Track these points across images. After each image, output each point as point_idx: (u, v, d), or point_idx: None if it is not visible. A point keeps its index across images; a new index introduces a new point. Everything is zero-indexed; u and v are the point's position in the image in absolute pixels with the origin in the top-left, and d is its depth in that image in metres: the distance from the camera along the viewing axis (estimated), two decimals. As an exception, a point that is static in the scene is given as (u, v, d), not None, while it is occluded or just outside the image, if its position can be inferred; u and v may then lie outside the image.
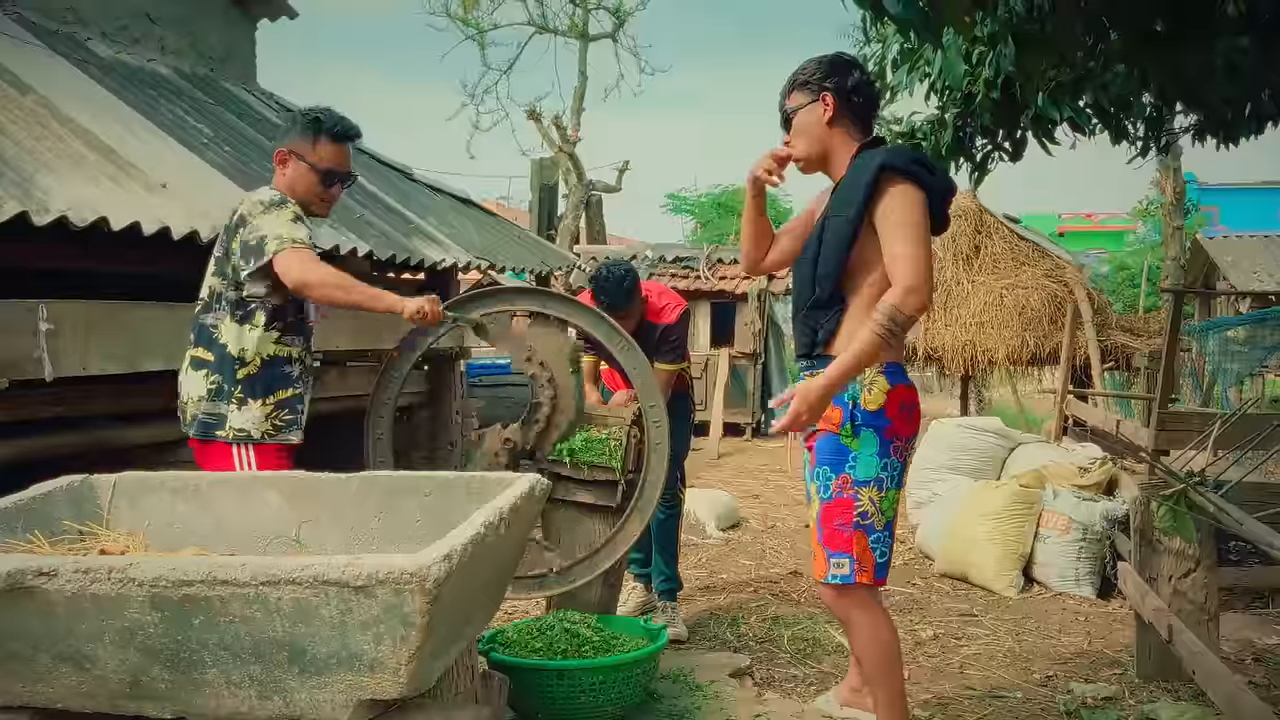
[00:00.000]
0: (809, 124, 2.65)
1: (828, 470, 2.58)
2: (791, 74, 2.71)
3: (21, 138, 3.76)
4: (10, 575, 1.84)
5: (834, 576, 2.59)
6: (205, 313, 2.88)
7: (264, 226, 2.76)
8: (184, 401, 2.92)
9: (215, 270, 2.88)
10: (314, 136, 2.89)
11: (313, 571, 1.78)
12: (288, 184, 2.90)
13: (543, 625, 3.16)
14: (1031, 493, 4.88)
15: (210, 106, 5.86)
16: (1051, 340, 7.89)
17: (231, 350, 2.84)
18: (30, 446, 3.66)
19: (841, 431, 2.56)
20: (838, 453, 2.57)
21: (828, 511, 2.59)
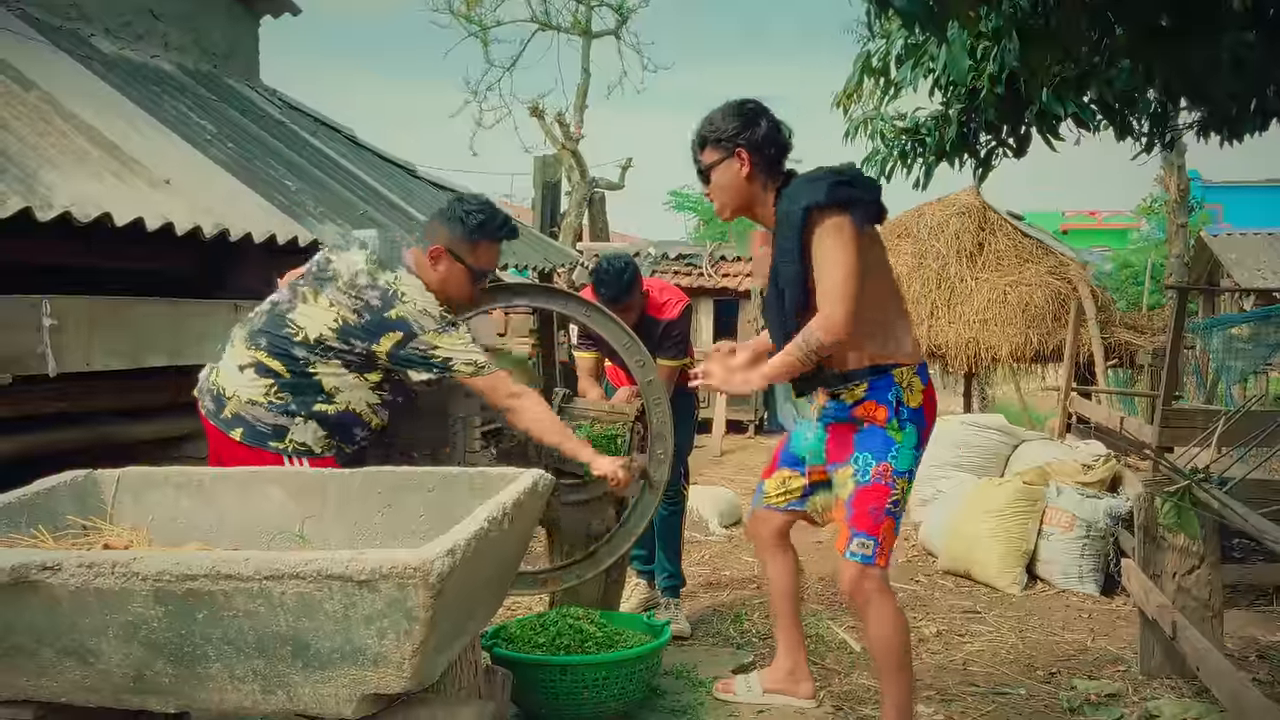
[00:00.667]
0: (728, 180, 2.74)
1: (869, 457, 2.69)
2: (700, 129, 2.77)
3: (25, 134, 3.76)
4: (15, 569, 1.85)
5: (855, 554, 2.70)
6: (298, 343, 2.75)
7: (444, 349, 2.72)
8: (223, 393, 2.80)
9: (338, 329, 2.73)
10: (476, 240, 2.81)
11: (316, 566, 1.78)
12: (440, 282, 2.80)
13: (546, 621, 3.14)
14: (1035, 490, 4.88)
15: (213, 103, 5.86)
16: (1055, 337, 7.88)
17: (322, 382, 2.76)
18: (34, 442, 3.66)
19: (889, 425, 2.69)
20: (883, 443, 2.69)
21: (863, 495, 2.70)
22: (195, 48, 6.43)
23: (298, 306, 2.77)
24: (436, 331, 2.72)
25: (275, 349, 2.75)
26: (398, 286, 2.73)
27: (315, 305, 2.75)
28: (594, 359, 4.09)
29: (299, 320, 2.75)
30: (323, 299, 2.75)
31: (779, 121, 2.77)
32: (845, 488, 2.75)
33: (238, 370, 2.79)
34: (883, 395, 2.70)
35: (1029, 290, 8.16)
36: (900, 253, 8.85)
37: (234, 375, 2.79)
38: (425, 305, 2.73)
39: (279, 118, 6.46)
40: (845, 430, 2.78)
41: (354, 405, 2.80)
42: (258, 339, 2.79)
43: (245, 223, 4.13)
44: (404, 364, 2.74)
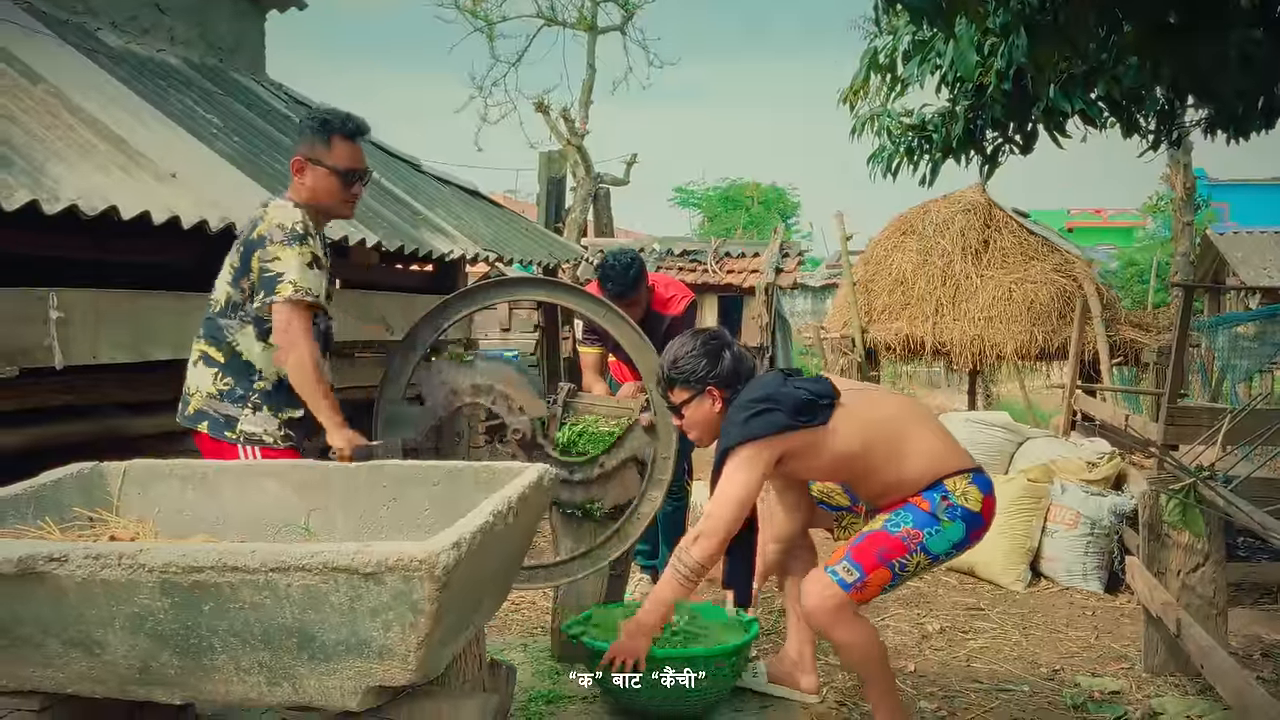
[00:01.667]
0: (701, 416, 2.86)
1: (908, 518, 2.69)
2: (667, 371, 2.87)
3: (32, 127, 3.76)
4: (22, 560, 1.85)
5: (834, 573, 2.67)
6: (220, 315, 2.85)
7: (282, 261, 2.72)
8: (190, 392, 2.92)
9: (232, 280, 2.83)
10: (326, 138, 2.85)
11: (322, 558, 1.78)
12: (309, 191, 2.85)
13: (629, 612, 3.10)
14: (1039, 487, 4.87)
15: (219, 97, 5.86)
16: (1060, 335, 7.87)
17: (251, 361, 2.84)
18: (40, 434, 3.67)
19: (934, 511, 2.70)
20: (928, 519, 2.69)
21: (880, 537, 2.69)
22: (201, 42, 6.44)
23: (215, 283, 2.89)
24: (283, 244, 2.73)
25: (209, 333, 2.87)
26: (264, 211, 2.82)
27: (222, 270, 2.87)
28: (598, 354, 4.09)
29: (215, 294, 2.88)
30: (225, 260, 2.87)
31: (740, 352, 2.92)
32: (872, 525, 2.75)
33: (192, 366, 2.91)
34: (930, 494, 2.71)
35: (1034, 288, 8.14)
36: (905, 250, 8.84)
37: (191, 371, 2.92)
38: (280, 219, 2.76)
39: (285, 112, 6.47)
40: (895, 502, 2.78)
41: (280, 372, 2.83)
42: (199, 329, 2.92)
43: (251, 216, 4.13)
44: (261, 289, 2.75)
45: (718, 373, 2.83)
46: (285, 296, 2.70)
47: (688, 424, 2.89)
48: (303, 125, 2.94)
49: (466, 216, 6.60)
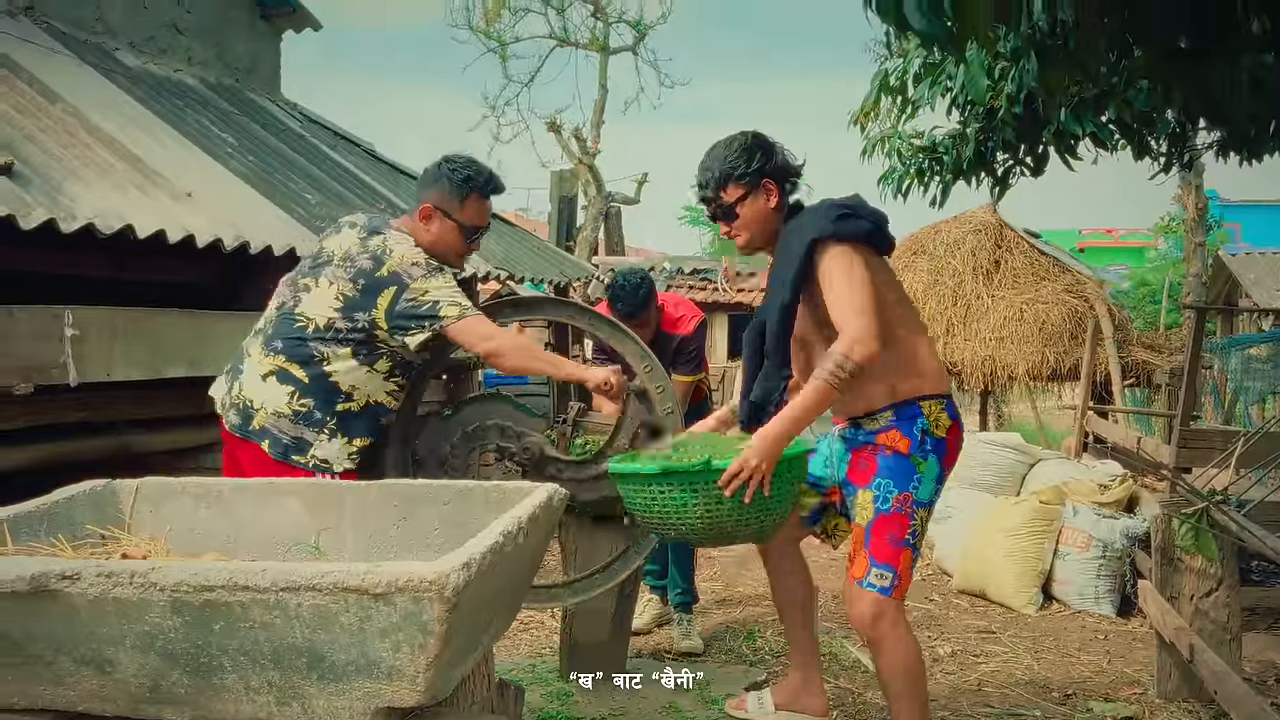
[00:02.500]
0: (757, 214, 2.69)
1: (890, 485, 2.61)
2: (713, 167, 2.69)
3: (50, 146, 3.81)
4: (34, 578, 1.86)
5: (872, 585, 2.62)
6: (314, 337, 2.78)
7: (432, 292, 2.72)
8: (254, 406, 2.82)
9: (344, 309, 2.77)
10: (464, 195, 2.84)
11: (333, 578, 1.78)
12: (431, 239, 2.84)
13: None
14: (1051, 509, 4.85)
15: (235, 116, 5.92)
16: (1072, 356, 7.85)
17: (339, 383, 2.79)
18: (55, 450, 3.70)
19: (912, 455, 2.61)
20: (905, 471, 2.61)
21: (884, 523, 2.62)
22: (218, 62, 6.51)
23: (302, 299, 2.81)
24: (424, 276, 2.74)
25: (291, 350, 2.78)
26: (387, 244, 2.78)
27: (318, 290, 2.79)
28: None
29: (307, 311, 2.78)
30: (323, 281, 2.79)
31: (787, 150, 2.77)
32: (865, 513, 2.66)
33: (261, 380, 2.80)
34: (908, 427, 2.62)
35: (1045, 308, 8.13)
36: (916, 269, 8.85)
37: (258, 386, 2.80)
38: (413, 257, 2.76)
39: (299, 131, 6.53)
40: (867, 452, 2.68)
41: (374, 397, 2.83)
42: (273, 343, 2.81)
43: (265, 235, 4.17)
44: (401, 326, 2.75)
45: (774, 164, 2.68)
46: (456, 315, 2.72)
47: (740, 226, 2.70)
48: (440, 173, 2.88)
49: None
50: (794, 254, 2.58)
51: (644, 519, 2.57)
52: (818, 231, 2.55)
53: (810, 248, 2.55)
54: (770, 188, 2.68)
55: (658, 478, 2.44)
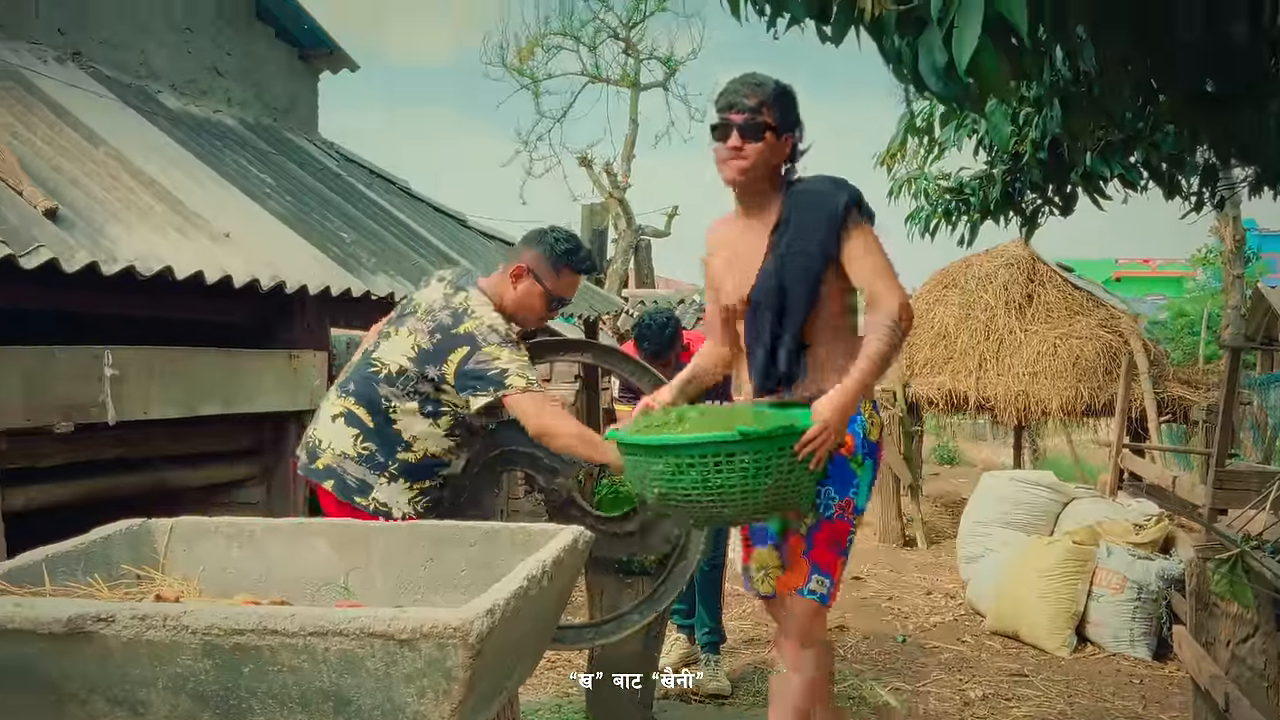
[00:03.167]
0: (770, 154, 2.50)
1: (832, 491, 2.50)
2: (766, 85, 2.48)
3: (94, 189, 3.91)
4: (71, 620, 1.90)
5: (814, 593, 2.53)
6: (386, 382, 2.84)
7: (503, 361, 2.75)
8: (322, 446, 2.88)
9: (417, 359, 2.82)
10: (560, 266, 2.89)
11: (359, 624, 1.81)
12: (515, 299, 2.89)
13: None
14: (1085, 550, 4.79)
15: (273, 156, 6.04)
16: (1106, 391, 7.75)
17: (401, 431, 2.83)
18: (93, 486, 3.77)
19: (853, 459, 2.51)
20: (846, 476, 2.52)
21: (827, 530, 2.52)
22: (256, 102, 6.66)
23: (382, 345, 2.88)
24: (500, 344, 2.77)
25: (361, 393, 2.84)
26: (468, 304, 2.83)
27: (397, 339, 2.86)
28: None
29: (383, 357, 2.85)
30: (403, 330, 2.86)
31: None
32: (805, 520, 2.54)
33: (330, 420, 2.88)
34: (850, 425, 2.46)
35: (1079, 343, 8.04)
36: (947, 303, 8.80)
37: (327, 426, 2.88)
38: (492, 321, 2.80)
39: (336, 170, 6.65)
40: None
41: (432, 449, 2.87)
42: (347, 385, 2.89)
43: (301, 275, 4.25)
44: (468, 385, 2.78)
45: (800, 129, 2.56)
46: (520, 389, 2.74)
47: (753, 152, 2.46)
48: (543, 240, 2.92)
49: (509, 271, 6.70)
50: (829, 211, 2.45)
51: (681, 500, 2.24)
52: (850, 195, 2.47)
53: (847, 205, 2.45)
54: (788, 142, 2.54)
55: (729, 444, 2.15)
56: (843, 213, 2.45)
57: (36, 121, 4.24)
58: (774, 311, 2.50)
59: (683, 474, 2.19)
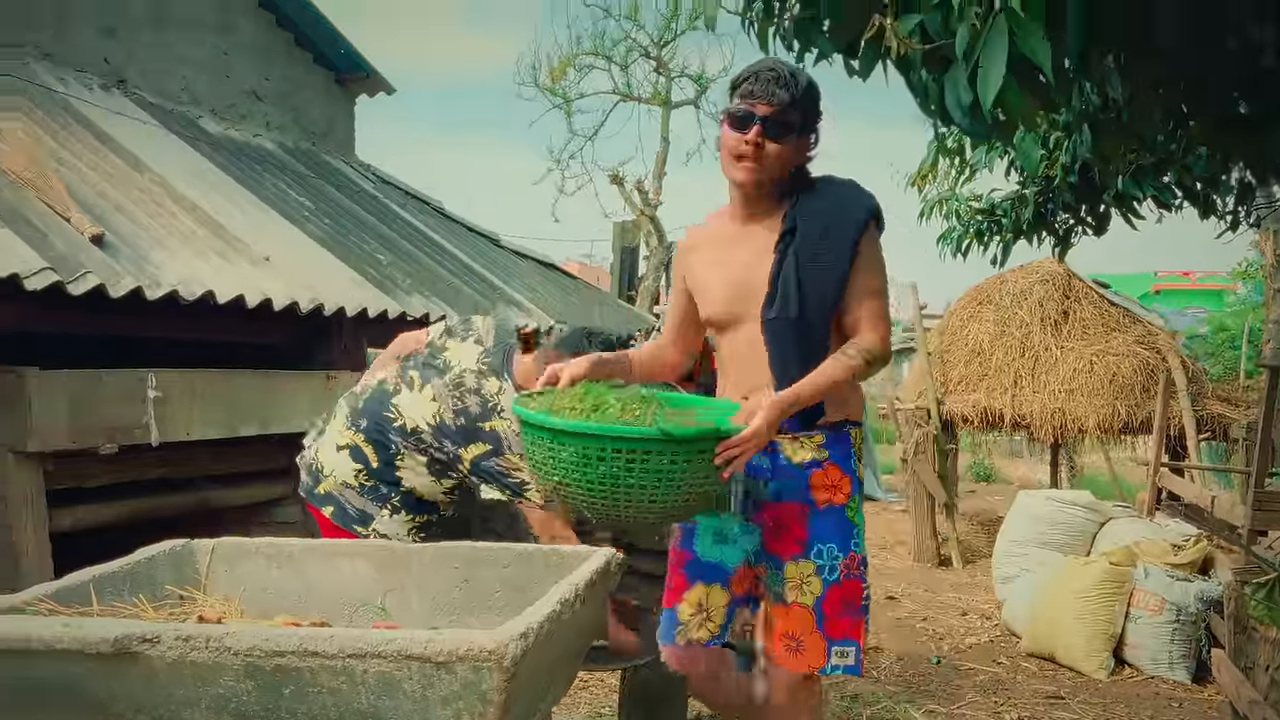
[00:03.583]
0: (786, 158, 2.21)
1: (834, 549, 2.22)
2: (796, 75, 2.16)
3: (137, 215, 4.01)
4: (117, 640, 1.95)
5: (837, 668, 2.24)
6: (395, 430, 2.84)
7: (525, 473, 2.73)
8: (324, 472, 2.90)
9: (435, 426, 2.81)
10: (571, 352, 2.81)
11: (397, 646, 1.85)
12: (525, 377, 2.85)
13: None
14: (1122, 571, 4.74)
15: (311, 179, 6.15)
16: (1144, 409, 7.66)
17: (404, 479, 2.86)
18: (137, 506, 3.85)
19: (850, 504, 2.26)
20: (846, 528, 2.25)
21: (837, 595, 2.23)
22: (295, 126, 6.78)
23: (403, 391, 2.86)
24: (523, 455, 2.72)
25: (373, 433, 2.84)
26: (500, 400, 2.78)
27: (419, 394, 2.83)
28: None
29: (401, 406, 2.84)
30: (428, 390, 2.83)
31: None
32: (807, 589, 2.21)
33: (335, 449, 2.89)
34: (846, 463, 2.24)
35: (1116, 360, 7.95)
36: (982, 320, 8.74)
37: (331, 454, 2.90)
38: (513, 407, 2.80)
39: (372, 192, 6.75)
40: (789, 512, 2.24)
41: (431, 498, 2.91)
42: (359, 420, 2.88)
43: (339, 297, 4.32)
44: (483, 476, 2.82)
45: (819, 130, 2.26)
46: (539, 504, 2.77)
47: (774, 155, 2.17)
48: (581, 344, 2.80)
49: (542, 290, 6.77)
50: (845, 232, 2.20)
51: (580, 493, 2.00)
52: (872, 203, 2.24)
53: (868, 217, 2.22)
54: (808, 144, 2.25)
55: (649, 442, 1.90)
56: (864, 221, 2.22)
57: (82, 148, 4.36)
58: (796, 332, 2.19)
59: (589, 466, 1.94)
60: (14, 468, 3.22)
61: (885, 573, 6.79)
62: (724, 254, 2.31)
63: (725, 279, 2.30)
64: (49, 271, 3.11)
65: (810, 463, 2.24)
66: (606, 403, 2.02)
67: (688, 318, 2.45)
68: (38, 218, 3.44)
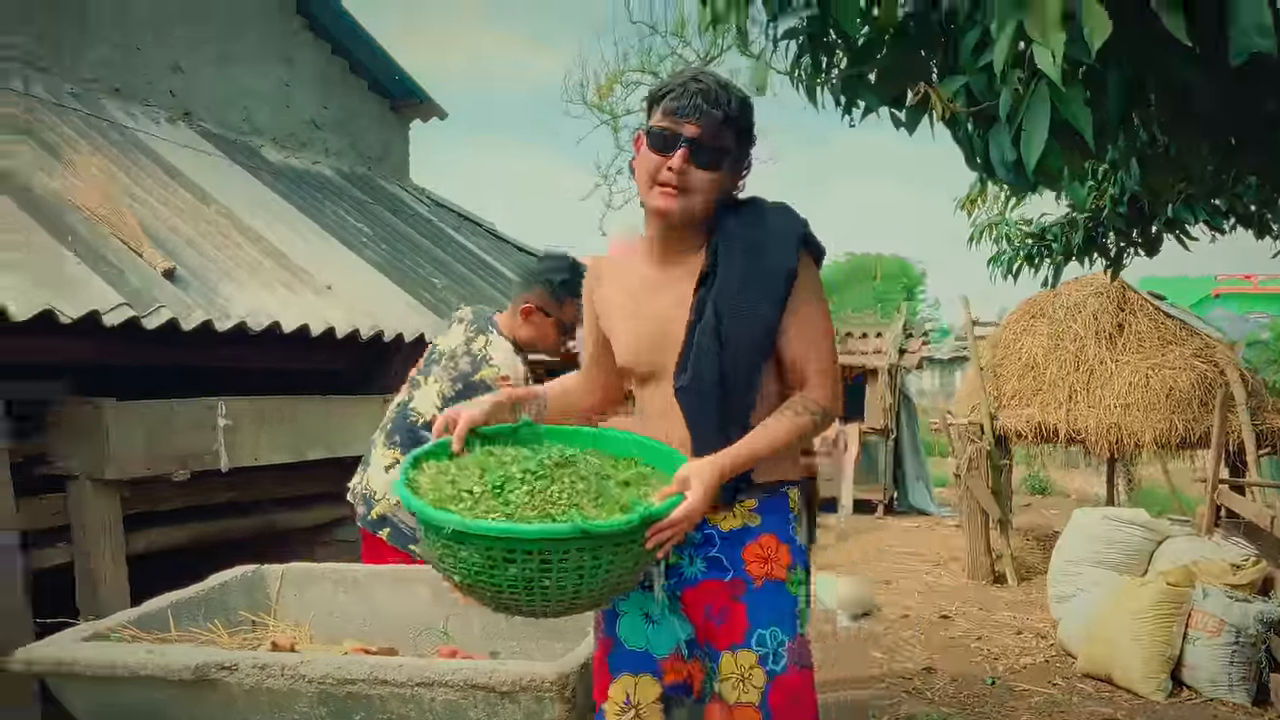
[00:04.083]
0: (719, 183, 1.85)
1: (778, 633, 1.85)
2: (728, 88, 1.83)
3: (205, 247, 4.16)
4: (198, 668, 2.06)
5: None
6: (422, 429, 2.93)
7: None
8: (375, 496, 2.98)
9: (441, 405, 2.91)
10: (563, 297, 3.00)
11: (463, 675, 1.93)
12: (529, 336, 3.01)
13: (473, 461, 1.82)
14: (1180, 591, 4.68)
15: (369, 205, 6.31)
16: (1202, 424, 7.54)
17: None
18: (207, 530, 3.99)
19: (791, 578, 1.89)
20: (789, 606, 1.88)
21: (785, 688, 1.85)
22: (352, 152, 6.96)
23: (415, 395, 3.02)
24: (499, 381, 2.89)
25: (408, 442, 2.96)
26: (487, 351, 2.95)
27: (427, 388, 3.00)
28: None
29: (418, 406, 2.99)
30: (431, 379, 3.00)
31: None
32: (750, 685, 1.85)
33: (383, 471, 3.00)
34: (783, 529, 1.90)
35: (1173, 374, 7.84)
36: (1035, 333, 8.66)
37: (380, 476, 3.00)
38: (507, 368, 2.93)
39: (427, 216, 6.90)
40: (721, 591, 1.88)
41: None
42: (393, 437, 3.02)
43: (396, 323, 4.44)
44: None
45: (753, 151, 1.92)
46: None
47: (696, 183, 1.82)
48: (544, 276, 3.00)
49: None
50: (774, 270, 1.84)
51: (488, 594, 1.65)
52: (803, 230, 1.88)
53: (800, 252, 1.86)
54: (740, 172, 1.92)
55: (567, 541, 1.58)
56: (797, 249, 1.85)
57: (152, 183, 4.53)
58: (714, 402, 1.84)
59: (496, 569, 1.59)
60: (93, 495, 3.36)
61: (939, 590, 6.77)
62: (637, 302, 1.96)
63: (638, 330, 1.95)
64: (125, 307, 3.25)
65: (741, 531, 1.89)
66: (511, 479, 1.69)
67: (606, 359, 2.09)
68: (114, 254, 3.60)
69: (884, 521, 10.73)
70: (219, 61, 5.90)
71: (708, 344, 1.83)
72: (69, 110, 4.72)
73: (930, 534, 9.32)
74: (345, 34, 6.72)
